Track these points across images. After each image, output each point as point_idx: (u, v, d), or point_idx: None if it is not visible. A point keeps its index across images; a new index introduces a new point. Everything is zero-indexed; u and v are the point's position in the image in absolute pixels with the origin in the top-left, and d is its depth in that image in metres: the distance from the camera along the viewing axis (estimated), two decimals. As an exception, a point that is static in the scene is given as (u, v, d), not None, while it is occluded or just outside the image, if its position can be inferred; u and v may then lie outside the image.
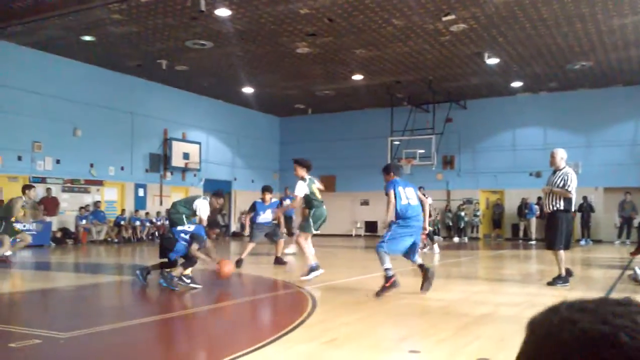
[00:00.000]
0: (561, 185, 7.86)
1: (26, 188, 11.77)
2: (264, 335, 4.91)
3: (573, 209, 8.08)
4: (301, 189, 8.21)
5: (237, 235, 24.44)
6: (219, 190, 9.57)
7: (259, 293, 7.42)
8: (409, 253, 7.27)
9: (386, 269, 6.95)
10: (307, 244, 8.42)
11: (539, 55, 17.59)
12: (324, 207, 8.77)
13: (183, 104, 22.67)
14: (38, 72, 17.52)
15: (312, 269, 8.20)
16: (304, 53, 17.34)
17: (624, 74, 19.74)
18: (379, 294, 6.87)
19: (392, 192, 7.11)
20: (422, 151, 22.19)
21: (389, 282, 6.88)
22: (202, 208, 8.64)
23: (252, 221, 11.30)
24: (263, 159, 26.86)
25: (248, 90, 22.32)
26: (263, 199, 11.35)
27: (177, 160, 21.99)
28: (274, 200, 11.69)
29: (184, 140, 22.59)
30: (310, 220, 8.43)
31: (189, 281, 7.60)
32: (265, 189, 11.51)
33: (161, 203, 21.70)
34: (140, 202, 21.08)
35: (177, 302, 7.26)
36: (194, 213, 8.71)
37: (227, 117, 24.84)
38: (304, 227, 8.50)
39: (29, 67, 17.29)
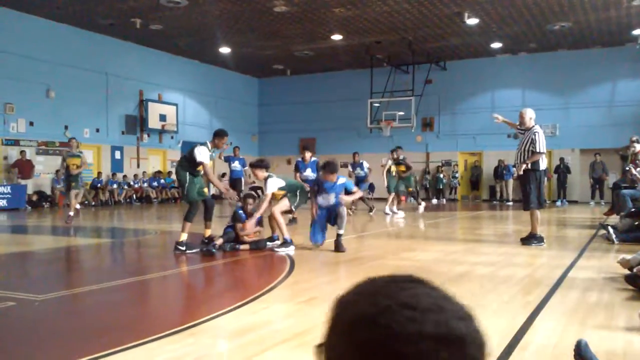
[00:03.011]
0: (529, 144, 7.90)
1: None
2: (241, 295, 4.92)
3: (544, 168, 8.11)
4: (272, 186, 7.66)
5: (215, 198, 24.33)
6: (219, 130, 8.41)
7: (238, 255, 7.42)
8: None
9: None
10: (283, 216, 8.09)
11: (518, 15, 17.48)
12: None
13: (158, 65, 22.22)
14: (8, 31, 16.97)
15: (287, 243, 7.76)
16: (282, 12, 17.00)
17: (603, 35, 19.76)
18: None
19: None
20: (402, 113, 22.14)
21: None
22: (200, 153, 7.70)
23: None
24: (241, 121, 26.58)
25: (225, 50, 21.91)
26: (303, 158, 11.59)
27: (153, 122, 21.67)
28: (313, 158, 11.71)
29: (160, 101, 22.22)
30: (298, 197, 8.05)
31: (183, 248, 7.54)
32: (305, 148, 11.74)
33: (138, 165, 21.47)
34: (117, 165, 20.82)
35: (156, 264, 7.23)
36: (195, 164, 7.74)
37: (204, 78, 24.44)
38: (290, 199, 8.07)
39: (-3, 25, 16.73)
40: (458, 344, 0.67)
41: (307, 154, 11.56)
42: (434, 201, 22.92)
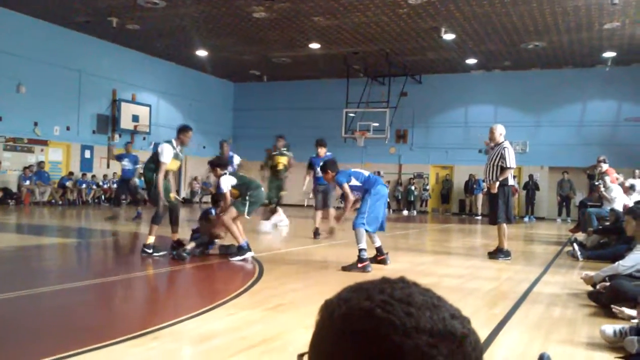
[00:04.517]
0: (498, 159, 8.02)
1: None
2: (207, 301, 4.86)
3: (513, 183, 8.24)
4: (226, 183, 7.47)
5: (187, 202, 24.11)
6: (183, 125, 8.10)
7: (207, 260, 7.34)
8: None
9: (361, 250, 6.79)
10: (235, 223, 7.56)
11: (494, 32, 17.78)
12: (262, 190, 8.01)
13: (134, 65, 21.97)
14: (-21, 23, 16.60)
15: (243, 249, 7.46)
16: (261, 18, 16.99)
17: (575, 56, 20.21)
18: (346, 268, 6.72)
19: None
20: (377, 124, 22.26)
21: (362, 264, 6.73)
22: (163, 152, 7.50)
23: (315, 183, 10.70)
24: (215, 125, 26.40)
25: (202, 53, 21.79)
26: (318, 154, 10.84)
27: (126, 123, 21.39)
28: (328, 153, 10.99)
29: (133, 102, 21.95)
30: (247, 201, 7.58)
31: (150, 250, 7.45)
32: (319, 144, 10.99)
33: (108, 166, 21.14)
34: (86, 164, 20.47)
35: (122, 266, 7.12)
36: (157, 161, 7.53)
37: (179, 80, 24.24)
38: (237, 207, 7.54)
39: (-32, 17, 16.37)
40: (455, 341, 0.67)
41: (322, 150, 10.86)
42: (405, 212, 23.07)
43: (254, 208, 7.73)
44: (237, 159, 11.16)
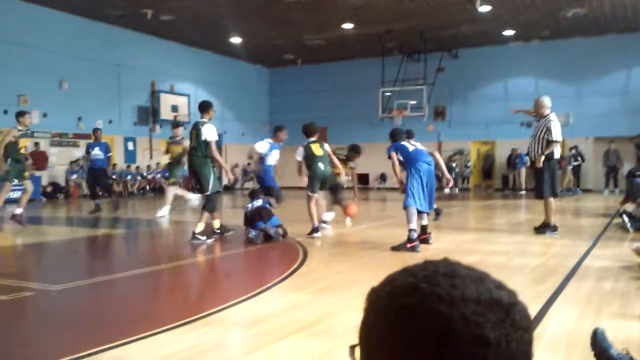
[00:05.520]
0: (544, 133, 7.81)
1: (19, 115, 9.91)
2: (255, 285, 4.94)
3: (559, 156, 8.02)
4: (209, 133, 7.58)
5: (228, 189, 24.43)
6: (205, 102, 8.00)
7: (252, 245, 7.45)
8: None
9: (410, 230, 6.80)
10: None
11: (531, 2, 17.27)
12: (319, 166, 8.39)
13: (170, 56, 22.25)
14: (21, 24, 17.04)
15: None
16: (292, 0, 16.93)
17: (618, 21, 19.47)
18: (395, 248, 6.76)
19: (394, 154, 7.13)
20: (414, 102, 22.02)
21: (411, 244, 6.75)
22: (207, 131, 7.45)
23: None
24: (253, 111, 26.59)
25: (236, 40, 21.88)
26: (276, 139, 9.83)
27: (165, 113, 21.74)
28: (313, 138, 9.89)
29: (172, 92, 22.27)
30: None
31: (203, 238, 7.60)
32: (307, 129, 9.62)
33: (151, 157, 21.56)
34: (130, 156, 20.93)
35: (171, 254, 7.28)
36: (207, 146, 7.49)
37: (215, 68, 24.44)
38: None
39: (11, 18, 16.80)
40: (503, 310, 0.67)
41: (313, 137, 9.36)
42: (446, 190, 22.83)
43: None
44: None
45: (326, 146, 8.74)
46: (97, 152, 12.21)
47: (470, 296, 0.67)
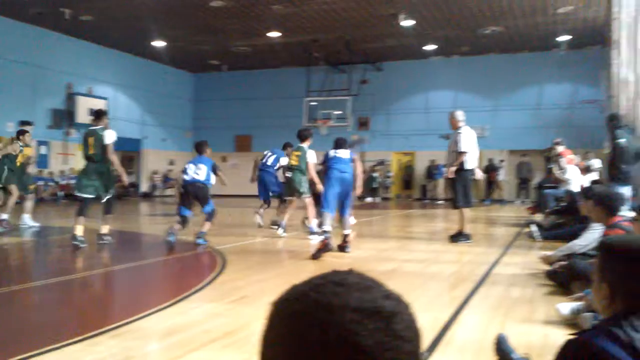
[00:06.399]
0: (455, 145, 8.16)
1: (20, 134, 10.79)
2: (170, 295, 4.80)
3: (471, 167, 8.28)
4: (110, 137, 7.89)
5: (147, 196, 23.76)
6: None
7: (169, 254, 7.25)
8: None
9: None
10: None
11: (452, 18, 17.95)
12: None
13: (89, 57, 21.43)
14: None
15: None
16: (218, 6, 16.76)
17: (531, 40, 20.58)
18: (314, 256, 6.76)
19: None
20: (339, 112, 22.28)
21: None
22: (108, 136, 7.76)
23: None
24: (175, 117, 26.02)
25: (159, 43, 21.38)
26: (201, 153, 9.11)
27: (82, 117, 20.85)
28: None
29: (89, 95, 21.43)
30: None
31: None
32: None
33: (66, 162, 20.65)
34: (42, 161, 19.93)
35: (82, 263, 6.97)
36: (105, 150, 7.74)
37: (136, 72, 23.76)
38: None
39: None
40: (383, 319, 0.68)
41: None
42: (368, 199, 23.22)
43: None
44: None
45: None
46: None
47: (350, 304, 0.68)
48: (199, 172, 7.95)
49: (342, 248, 7.21)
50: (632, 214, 4.69)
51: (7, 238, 9.35)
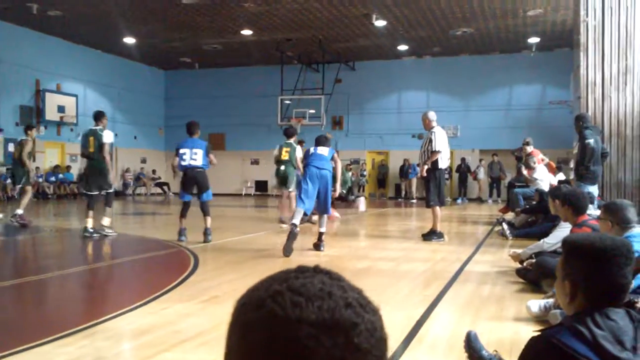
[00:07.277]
0: (428, 144, 8.27)
1: (28, 128, 11.43)
2: (140, 296, 4.74)
3: (444, 166, 8.41)
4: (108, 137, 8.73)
5: (118, 195, 23.41)
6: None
7: (139, 253, 7.16)
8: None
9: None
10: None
11: (424, 19, 18.08)
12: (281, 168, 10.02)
13: (57, 53, 21.03)
14: None
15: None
16: (190, 3, 16.60)
17: (502, 42, 20.86)
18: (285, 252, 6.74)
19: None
20: (312, 111, 22.29)
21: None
22: (106, 136, 8.75)
23: None
24: (146, 115, 25.70)
25: (129, 40, 21.09)
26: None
27: (51, 114, 20.50)
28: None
29: (58, 92, 21.05)
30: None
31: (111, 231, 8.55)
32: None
33: (34, 159, 20.19)
34: (10, 158, 19.49)
35: (52, 263, 6.84)
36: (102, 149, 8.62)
37: (106, 68, 23.38)
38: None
39: None
40: (342, 332, 0.64)
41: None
42: (356, 197, 23.25)
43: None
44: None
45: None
46: None
47: (307, 317, 0.65)
48: (195, 157, 8.13)
49: (316, 246, 7.22)
50: (598, 212, 4.79)
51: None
